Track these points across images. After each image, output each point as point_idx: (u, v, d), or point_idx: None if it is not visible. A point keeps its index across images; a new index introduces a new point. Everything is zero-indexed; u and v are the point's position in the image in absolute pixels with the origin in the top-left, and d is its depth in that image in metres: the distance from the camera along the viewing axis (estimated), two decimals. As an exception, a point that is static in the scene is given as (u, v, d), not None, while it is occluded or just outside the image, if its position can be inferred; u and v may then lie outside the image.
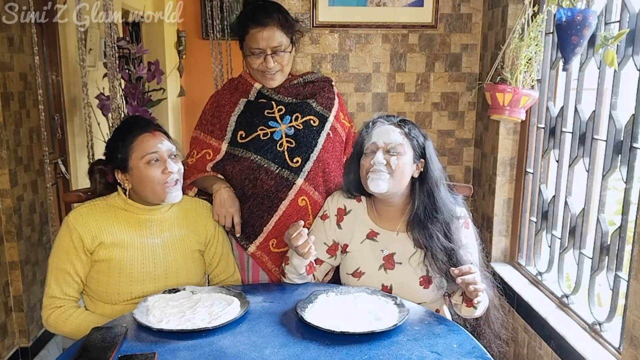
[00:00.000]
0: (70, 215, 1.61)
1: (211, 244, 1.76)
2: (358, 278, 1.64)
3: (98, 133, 3.03)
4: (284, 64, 1.76)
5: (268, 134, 1.76)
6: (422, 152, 1.60)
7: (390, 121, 1.60)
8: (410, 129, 1.60)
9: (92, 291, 1.63)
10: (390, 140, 1.56)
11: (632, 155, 1.64)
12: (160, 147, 1.58)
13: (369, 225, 1.66)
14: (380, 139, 1.57)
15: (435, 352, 1.28)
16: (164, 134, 1.63)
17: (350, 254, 1.67)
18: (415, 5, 2.57)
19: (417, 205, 1.60)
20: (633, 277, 1.44)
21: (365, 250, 1.65)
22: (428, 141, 1.62)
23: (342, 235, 1.69)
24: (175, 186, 1.60)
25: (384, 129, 1.58)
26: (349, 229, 1.68)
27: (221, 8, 2.99)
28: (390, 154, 1.56)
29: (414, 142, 1.59)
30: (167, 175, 1.57)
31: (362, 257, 1.65)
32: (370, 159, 1.57)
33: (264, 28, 1.70)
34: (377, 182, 1.55)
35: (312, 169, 1.76)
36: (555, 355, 1.86)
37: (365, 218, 1.68)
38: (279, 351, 1.28)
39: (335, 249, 1.70)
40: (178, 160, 1.62)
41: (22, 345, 2.60)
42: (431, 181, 1.59)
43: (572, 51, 1.74)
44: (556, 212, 2.11)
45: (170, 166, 1.58)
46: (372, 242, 1.65)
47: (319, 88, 1.86)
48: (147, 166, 1.57)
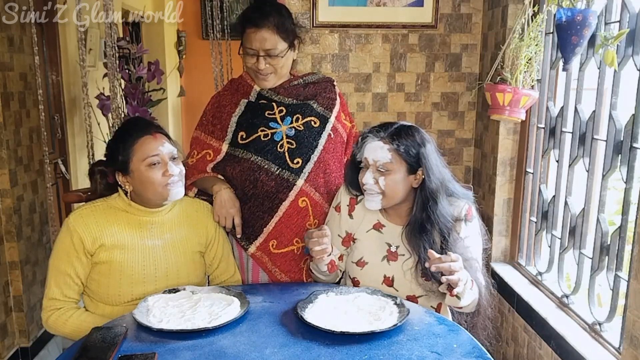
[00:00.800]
0: (70, 217, 1.60)
1: (212, 246, 1.76)
2: (361, 267, 1.65)
3: (98, 133, 3.04)
4: (278, 67, 1.75)
5: (269, 135, 1.76)
6: (417, 162, 1.55)
7: (379, 136, 1.55)
8: (399, 144, 1.53)
9: (93, 292, 1.63)
10: (378, 159, 1.55)
11: (632, 155, 1.64)
12: (161, 149, 1.58)
13: (377, 216, 1.67)
14: (370, 156, 1.56)
15: (435, 352, 1.28)
16: (165, 135, 1.62)
17: (356, 242, 1.69)
18: (415, 5, 2.57)
19: (413, 214, 1.58)
20: (633, 277, 1.44)
21: (370, 240, 1.66)
22: (425, 148, 1.56)
23: (352, 224, 1.70)
24: (177, 183, 1.60)
25: (373, 146, 1.56)
26: (360, 217, 1.69)
27: (221, 8, 2.99)
28: (379, 171, 1.55)
29: (406, 156, 1.54)
30: (168, 178, 1.57)
31: (366, 246, 1.66)
32: (362, 176, 1.58)
33: (258, 30, 1.69)
34: (370, 203, 1.59)
35: (313, 169, 1.76)
36: (555, 355, 1.86)
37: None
38: (279, 351, 1.28)
39: (349, 239, 1.71)
40: (179, 162, 1.62)
41: (22, 345, 2.60)
42: (428, 192, 1.55)
43: (572, 51, 1.74)
44: (556, 212, 2.11)
45: (172, 169, 1.58)
46: (377, 233, 1.66)
47: (320, 89, 1.86)
48: (148, 169, 1.57)
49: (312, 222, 1.78)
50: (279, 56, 1.73)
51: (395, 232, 1.64)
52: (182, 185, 1.63)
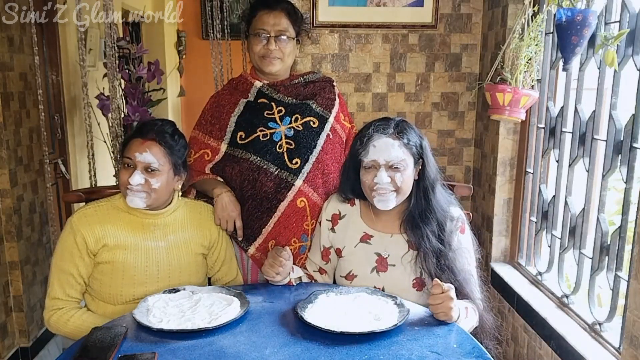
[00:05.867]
0: (74, 217, 1.60)
1: (214, 248, 1.76)
2: (350, 281, 1.65)
3: (98, 133, 3.03)
4: (285, 52, 1.78)
5: (267, 135, 1.76)
6: (420, 154, 1.59)
7: (387, 133, 1.55)
8: (408, 138, 1.56)
9: (94, 291, 1.63)
10: (392, 158, 1.53)
11: (632, 155, 1.64)
12: (137, 155, 1.55)
13: (363, 228, 1.66)
14: (381, 157, 1.53)
15: (435, 352, 1.28)
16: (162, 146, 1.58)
17: (345, 257, 1.68)
18: (415, 5, 2.57)
19: (412, 205, 1.59)
20: (633, 277, 1.44)
21: (358, 254, 1.65)
22: (424, 141, 1.62)
23: (335, 239, 1.70)
24: (135, 193, 1.56)
25: (383, 144, 1.53)
26: (342, 233, 1.68)
27: (221, 8, 2.98)
28: (393, 169, 1.54)
29: (413, 150, 1.57)
30: (127, 184, 1.55)
31: (355, 260, 1.65)
32: (373, 177, 1.54)
33: (272, 11, 1.75)
34: (386, 203, 1.55)
35: (312, 170, 1.76)
36: (555, 355, 1.86)
37: (359, 222, 1.68)
38: (279, 351, 1.28)
39: (328, 254, 1.72)
40: (155, 175, 1.57)
41: (22, 345, 2.60)
42: (428, 181, 1.59)
43: (572, 51, 1.74)
44: (556, 212, 2.11)
45: (133, 178, 1.54)
46: (365, 245, 1.65)
47: (320, 88, 1.86)
48: (122, 168, 1.59)
49: (309, 223, 1.78)
50: (289, 39, 1.77)
51: (384, 240, 1.64)
52: (143, 198, 1.57)
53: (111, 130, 2.50)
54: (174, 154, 1.60)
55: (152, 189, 1.57)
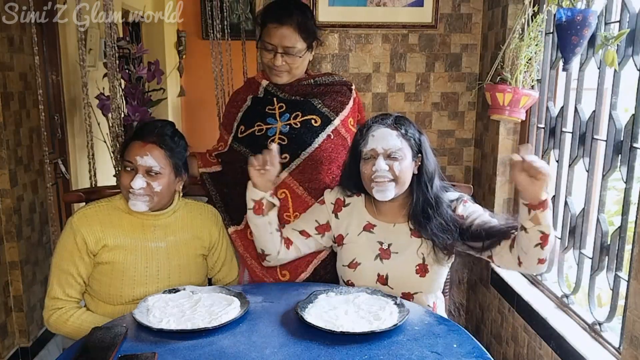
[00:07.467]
0: (74, 217, 1.60)
1: (215, 249, 1.76)
2: (354, 269, 1.65)
3: (98, 133, 3.03)
4: (293, 67, 1.77)
5: (263, 130, 1.78)
6: (419, 148, 1.61)
7: (385, 123, 1.59)
8: (406, 129, 1.59)
9: (94, 291, 1.63)
10: (390, 146, 1.55)
11: (632, 155, 1.64)
12: (138, 159, 1.55)
13: (366, 218, 1.68)
14: (379, 145, 1.56)
15: (435, 352, 1.28)
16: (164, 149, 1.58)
17: (346, 245, 1.68)
18: (415, 5, 2.57)
19: (415, 200, 1.61)
20: (633, 277, 1.44)
21: (361, 242, 1.66)
22: (423, 136, 1.64)
23: (337, 225, 1.70)
24: (137, 197, 1.56)
25: (381, 134, 1.57)
26: (346, 220, 1.69)
27: (221, 8, 2.98)
28: (391, 158, 1.56)
29: (412, 142, 1.59)
30: (129, 187, 1.55)
31: (358, 248, 1.66)
32: (372, 166, 1.56)
33: (281, 26, 1.71)
34: (384, 193, 1.56)
35: (301, 164, 1.76)
36: (555, 355, 1.86)
37: (363, 211, 1.69)
38: (279, 351, 1.28)
39: (325, 229, 1.71)
40: (156, 179, 1.57)
41: (22, 345, 2.60)
42: (427, 175, 1.61)
43: (572, 51, 1.74)
44: (556, 212, 2.11)
45: (135, 182, 1.54)
46: (368, 234, 1.66)
47: (333, 91, 1.85)
48: (122, 171, 1.59)
49: (291, 214, 1.78)
50: (297, 55, 1.74)
51: (386, 230, 1.65)
52: (146, 202, 1.57)
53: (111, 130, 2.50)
54: (174, 155, 1.60)
55: (154, 192, 1.57)
